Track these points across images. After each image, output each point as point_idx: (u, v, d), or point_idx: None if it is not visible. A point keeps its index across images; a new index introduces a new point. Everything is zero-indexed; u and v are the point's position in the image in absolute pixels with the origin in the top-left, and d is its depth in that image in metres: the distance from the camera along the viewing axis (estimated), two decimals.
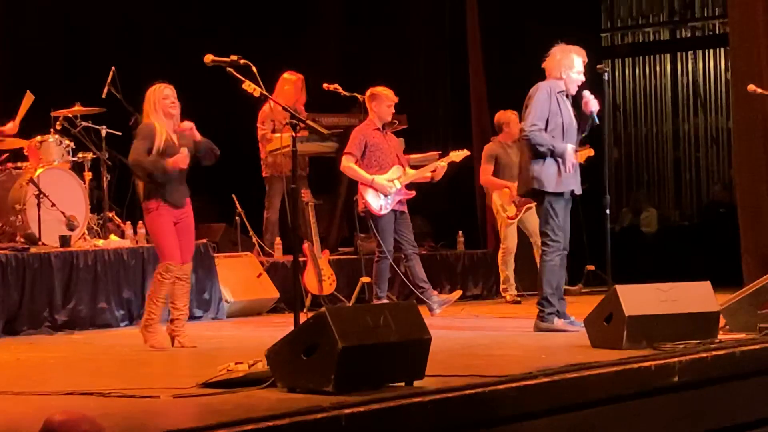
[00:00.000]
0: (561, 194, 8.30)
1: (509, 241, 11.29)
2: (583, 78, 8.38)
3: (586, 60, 8.44)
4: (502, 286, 11.38)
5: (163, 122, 7.79)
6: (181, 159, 7.71)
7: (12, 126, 10.08)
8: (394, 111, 9.93)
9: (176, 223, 7.82)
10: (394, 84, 10.24)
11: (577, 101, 8.47)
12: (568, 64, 8.35)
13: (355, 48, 14.44)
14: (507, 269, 11.30)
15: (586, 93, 8.37)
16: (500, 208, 11.25)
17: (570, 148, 8.25)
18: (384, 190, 9.71)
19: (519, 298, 11.21)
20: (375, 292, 9.88)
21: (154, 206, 7.76)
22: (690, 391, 6.28)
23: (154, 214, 7.78)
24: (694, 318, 6.94)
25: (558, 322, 8.24)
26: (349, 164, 9.77)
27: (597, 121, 8.42)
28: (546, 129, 8.24)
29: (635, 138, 16.52)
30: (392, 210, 9.76)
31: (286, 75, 11.39)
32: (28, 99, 10.23)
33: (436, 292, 10.02)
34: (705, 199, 16.02)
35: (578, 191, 8.50)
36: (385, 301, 9.79)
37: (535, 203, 10.73)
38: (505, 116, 11.46)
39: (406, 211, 9.92)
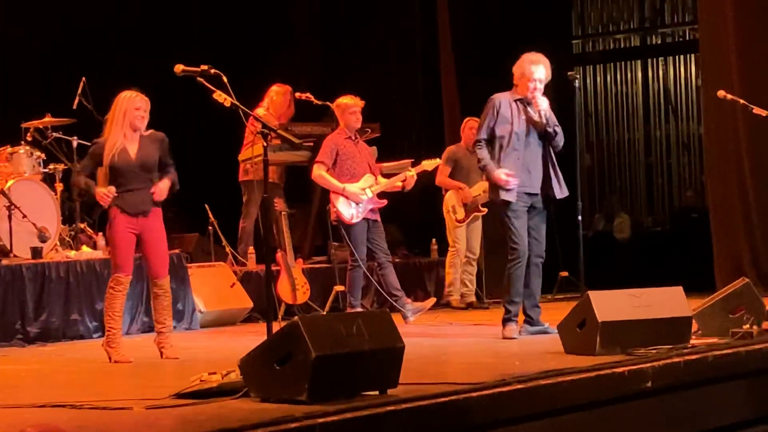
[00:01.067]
0: (508, 203, 8.34)
1: (460, 243, 11.34)
2: (538, 86, 8.42)
3: (548, 69, 8.50)
4: (446, 290, 11.37)
5: (122, 133, 7.68)
6: (104, 196, 7.61)
7: None
8: (360, 117, 9.91)
9: (138, 234, 7.74)
10: (367, 93, 10.24)
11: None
12: (521, 72, 8.46)
13: (328, 57, 14.46)
14: (455, 272, 11.34)
15: (536, 94, 8.41)
16: (450, 210, 11.30)
17: (497, 172, 8.30)
18: (355, 199, 9.72)
19: (463, 305, 11.25)
20: (349, 301, 9.88)
21: (111, 215, 7.70)
22: (663, 396, 6.30)
23: (111, 222, 7.72)
24: (667, 323, 6.96)
25: (507, 329, 8.28)
26: (320, 173, 9.77)
27: (544, 119, 8.38)
28: (495, 136, 8.43)
29: (607, 144, 16.59)
30: (364, 219, 9.76)
31: (276, 87, 11.42)
32: None
33: (410, 300, 10.02)
34: (677, 205, 16.10)
35: (559, 195, 8.52)
36: (360, 309, 9.79)
37: (485, 211, 11.01)
38: (463, 122, 11.61)
39: (379, 220, 9.92)
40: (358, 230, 9.75)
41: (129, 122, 7.72)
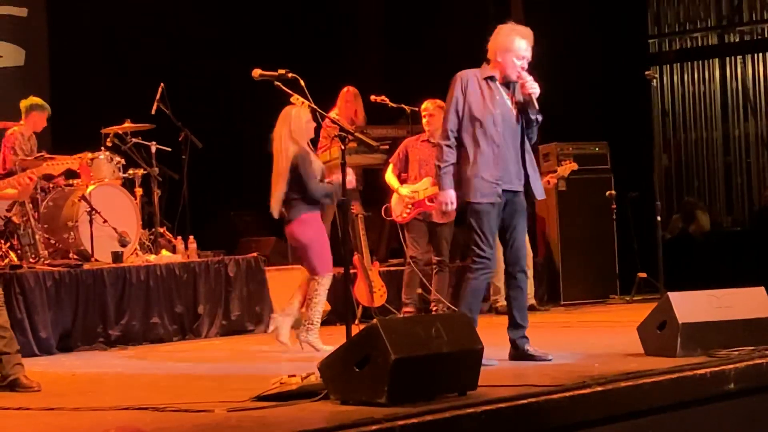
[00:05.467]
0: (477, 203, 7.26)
1: (500, 252, 11.23)
2: (524, 64, 7.23)
3: (532, 42, 7.29)
4: (492, 297, 11.28)
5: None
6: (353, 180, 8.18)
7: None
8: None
9: None
10: (441, 94, 10.25)
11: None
12: (507, 46, 7.22)
13: (400, 59, 14.45)
14: (497, 280, 11.25)
15: (524, 74, 7.19)
16: None
17: (448, 194, 7.16)
18: (402, 200, 9.94)
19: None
20: (402, 299, 10.07)
21: (315, 219, 8.17)
22: (746, 398, 6.22)
23: (316, 226, 8.19)
24: (748, 324, 6.88)
25: None
26: (387, 173, 10.00)
27: (537, 106, 7.17)
28: (461, 124, 7.19)
29: (685, 144, 16.39)
30: (422, 220, 9.94)
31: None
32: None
33: (440, 307, 10.08)
34: (757, 205, 15.88)
35: (540, 195, 7.41)
36: (411, 309, 9.95)
37: None
38: None
39: (445, 222, 9.92)
40: (410, 229, 10.01)
41: (307, 135, 8.18)
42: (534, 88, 7.14)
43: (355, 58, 14.15)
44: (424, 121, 10.00)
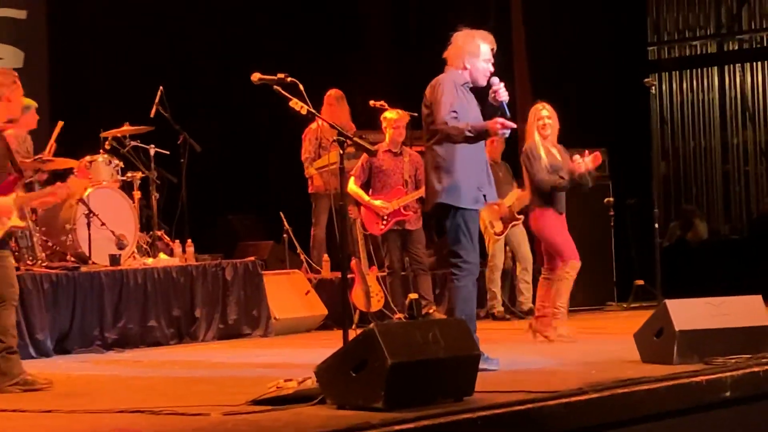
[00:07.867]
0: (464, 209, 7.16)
1: (497, 258, 11.29)
2: (491, 68, 7.27)
3: (495, 47, 7.33)
4: (489, 303, 11.35)
5: (539, 139, 8.73)
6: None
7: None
8: (403, 131, 10.37)
9: None
10: None
11: (481, 93, 7.37)
12: (473, 51, 7.24)
13: (404, 64, 14.46)
14: (494, 286, 11.31)
15: (495, 80, 7.24)
16: (488, 225, 11.22)
17: (495, 121, 6.97)
18: (378, 211, 10.12)
19: (508, 316, 11.26)
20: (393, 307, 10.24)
21: (545, 213, 8.72)
22: (743, 406, 6.22)
23: (549, 219, 8.72)
24: (745, 332, 6.89)
25: None
26: (350, 186, 10.18)
27: (508, 113, 7.20)
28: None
29: (683, 152, 16.42)
30: (396, 230, 10.16)
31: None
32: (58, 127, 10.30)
33: (435, 308, 10.15)
34: (754, 213, 15.89)
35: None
36: (400, 316, 10.08)
37: (521, 218, 10.82)
38: None
39: (416, 229, 10.21)
40: (385, 240, 10.26)
41: (537, 130, 8.81)
42: (506, 95, 7.20)
43: (361, 62, 14.15)
44: (390, 131, 10.16)
